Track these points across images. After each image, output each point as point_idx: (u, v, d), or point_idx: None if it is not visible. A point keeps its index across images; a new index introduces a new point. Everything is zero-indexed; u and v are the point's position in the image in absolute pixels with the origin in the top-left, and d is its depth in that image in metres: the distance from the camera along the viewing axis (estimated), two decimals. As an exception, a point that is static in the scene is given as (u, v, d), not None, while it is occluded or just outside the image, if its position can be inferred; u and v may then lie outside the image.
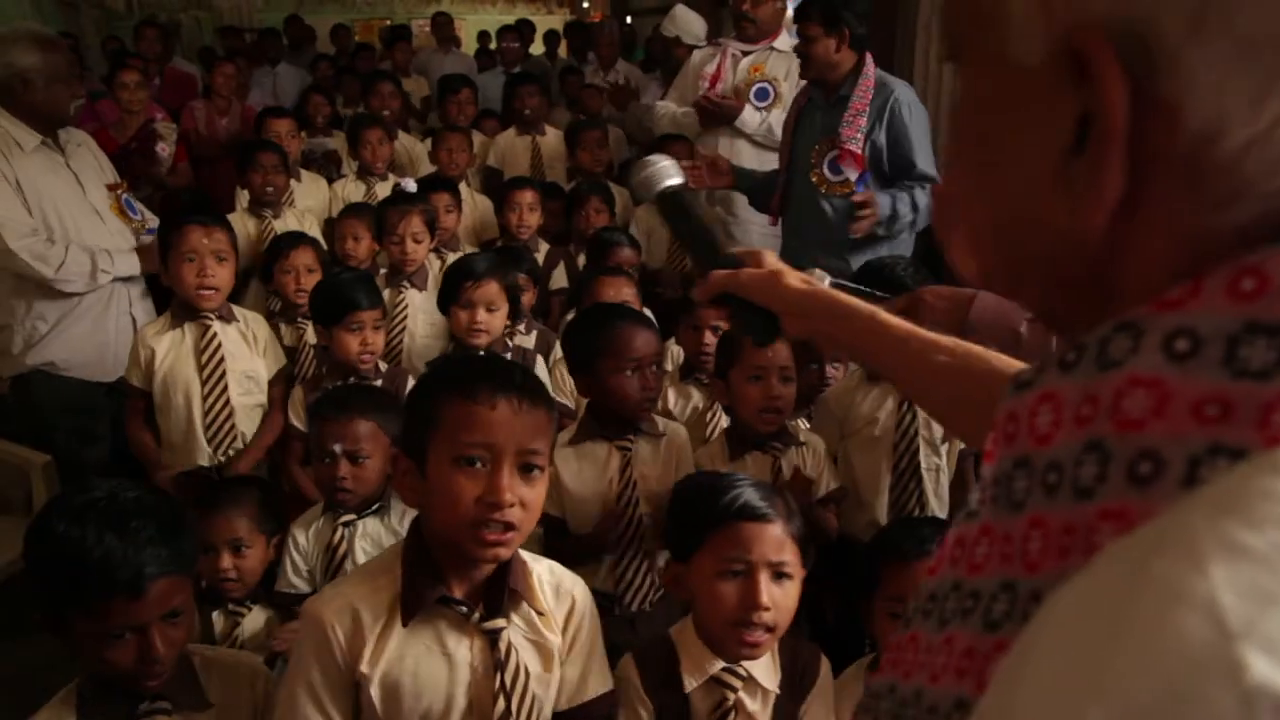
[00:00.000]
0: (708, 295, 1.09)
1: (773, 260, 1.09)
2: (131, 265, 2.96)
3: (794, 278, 1.06)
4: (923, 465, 2.18)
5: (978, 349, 0.98)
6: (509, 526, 1.23)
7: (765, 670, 1.45)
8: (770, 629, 1.39)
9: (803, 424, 2.37)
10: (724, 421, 2.48)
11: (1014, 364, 0.95)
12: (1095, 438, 0.39)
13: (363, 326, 2.47)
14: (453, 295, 2.56)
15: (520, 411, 1.24)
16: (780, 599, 1.40)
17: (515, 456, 1.24)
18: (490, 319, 2.54)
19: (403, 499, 1.81)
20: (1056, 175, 0.42)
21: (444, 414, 1.24)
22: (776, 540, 1.42)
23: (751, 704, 1.43)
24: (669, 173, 1.14)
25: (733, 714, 1.43)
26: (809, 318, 1.04)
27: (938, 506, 2.19)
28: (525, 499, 1.25)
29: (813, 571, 2.13)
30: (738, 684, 1.43)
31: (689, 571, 1.45)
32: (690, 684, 1.42)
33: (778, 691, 1.45)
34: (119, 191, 3.12)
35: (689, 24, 4.98)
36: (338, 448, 1.92)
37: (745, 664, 1.44)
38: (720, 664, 1.43)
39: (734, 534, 1.41)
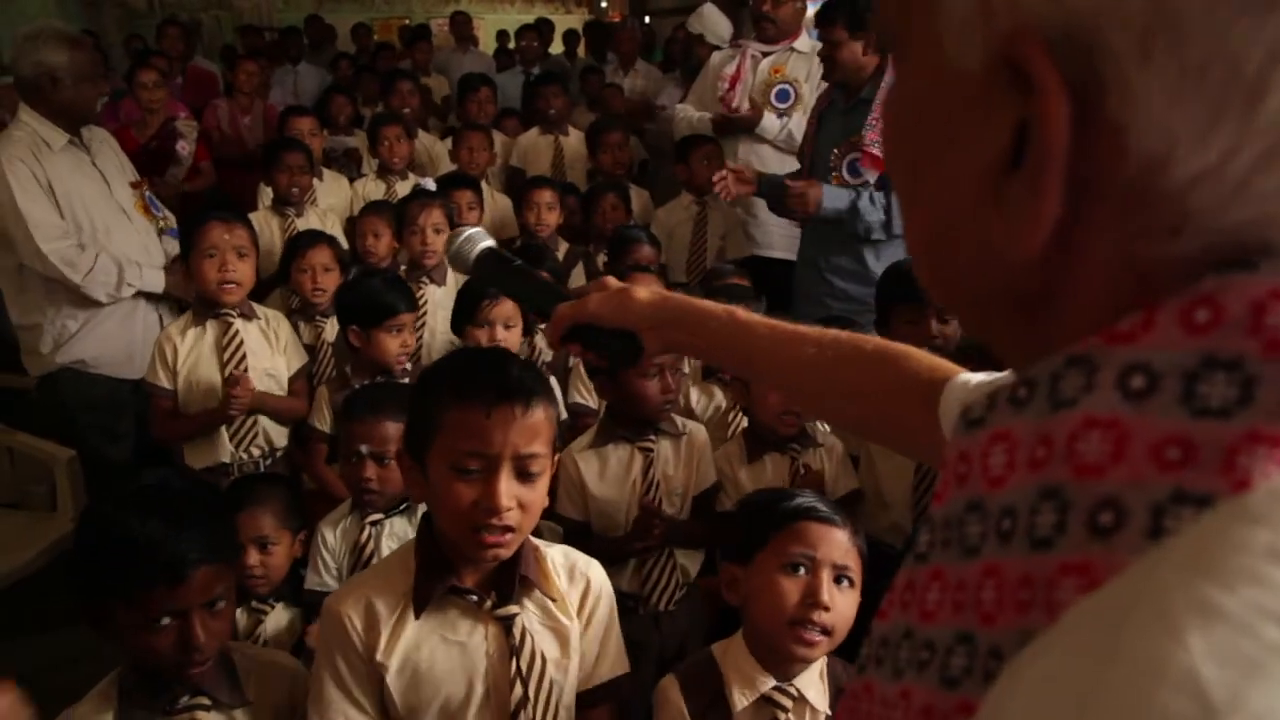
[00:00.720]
0: (559, 332, 1.06)
1: (614, 282, 1.06)
2: (157, 281, 2.98)
3: (643, 292, 1.03)
4: (947, 467, 2.17)
5: (845, 335, 0.96)
6: (508, 529, 1.24)
7: (816, 690, 1.42)
8: (828, 633, 1.37)
9: (823, 424, 2.36)
10: (746, 421, 2.48)
11: (883, 342, 0.94)
12: (1052, 484, 0.37)
13: (403, 328, 2.50)
14: (469, 316, 2.55)
15: (516, 417, 1.23)
16: (840, 603, 1.38)
17: (513, 461, 1.24)
18: (507, 336, 2.53)
19: (411, 497, 1.81)
20: (990, 190, 0.39)
21: (441, 420, 1.25)
22: (842, 544, 1.41)
23: None
24: (480, 238, 1.16)
25: None
26: (666, 329, 1.01)
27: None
28: (524, 500, 1.25)
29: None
30: (788, 703, 1.39)
31: (749, 572, 1.44)
32: (741, 702, 1.38)
33: (828, 713, 1.42)
34: (142, 189, 3.14)
35: (715, 24, 4.95)
36: (364, 449, 1.93)
37: (796, 683, 1.41)
38: (771, 682, 1.40)
39: (800, 531, 1.41)
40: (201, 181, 4.67)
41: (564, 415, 2.57)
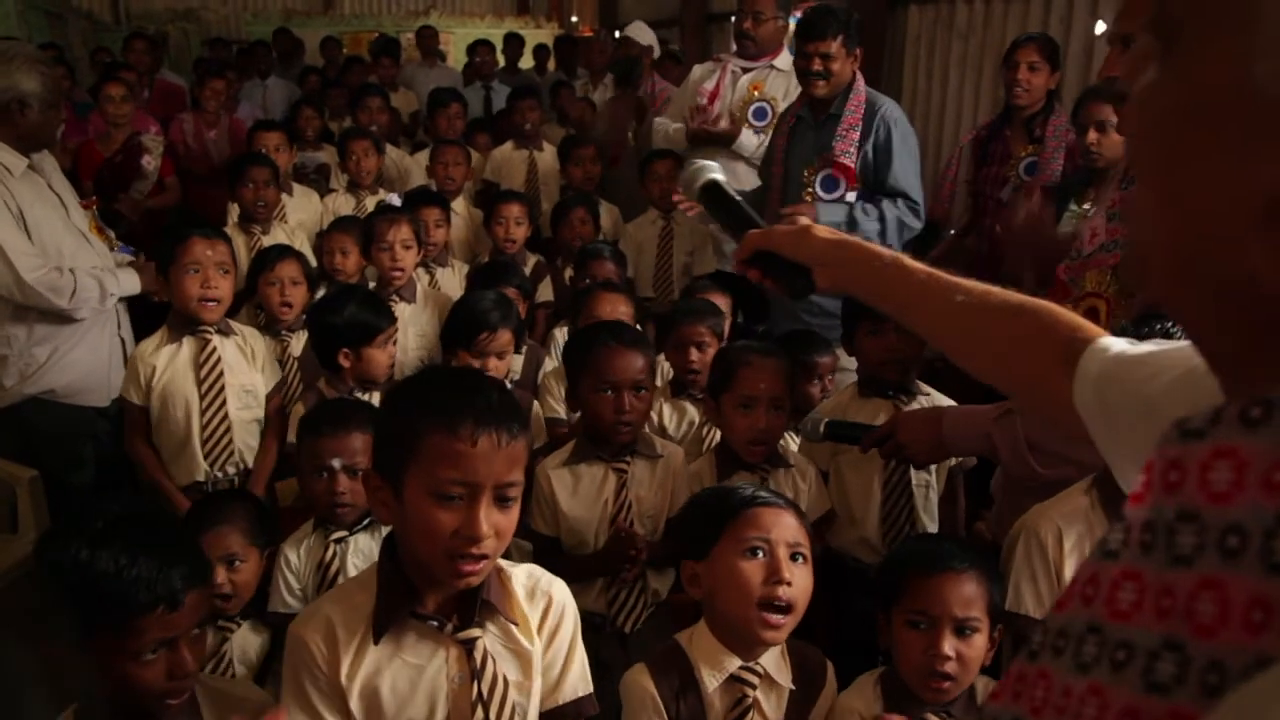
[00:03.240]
0: (744, 255, 1.19)
1: (805, 220, 1.16)
2: (132, 283, 2.92)
3: (823, 231, 1.11)
4: (913, 482, 2.18)
5: (995, 288, 1.01)
6: (483, 556, 1.24)
7: (778, 668, 1.50)
8: (790, 609, 1.44)
9: (793, 438, 2.36)
10: (719, 437, 2.48)
11: (1028, 297, 0.98)
12: None
13: (390, 340, 2.53)
14: (466, 342, 2.52)
15: (501, 447, 1.23)
16: (799, 578, 1.46)
17: (493, 490, 1.23)
18: (499, 366, 2.53)
19: (377, 517, 1.80)
20: (1269, 217, 0.38)
21: (423, 445, 1.22)
22: (792, 525, 1.50)
23: (766, 702, 1.48)
24: (711, 169, 1.40)
25: (751, 712, 1.46)
26: (838, 268, 1.09)
27: (928, 522, 2.20)
28: (500, 527, 1.25)
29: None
30: (755, 680, 1.47)
31: (709, 566, 1.50)
32: (712, 683, 1.46)
33: (792, 687, 1.50)
34: (92, 209, 3.09)
35: (650, 36, 5.08)
36: (336, 462, 1.92)
37: (761, 662, 1.48)
38: (738, 662, 1.47)
39: (752, 517, 1.48)
40: (168, 197, 4.63)
41: (544, 437, 2.57)
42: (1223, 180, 0.41)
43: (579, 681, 1.40)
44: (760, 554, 1.46)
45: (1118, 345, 0.84)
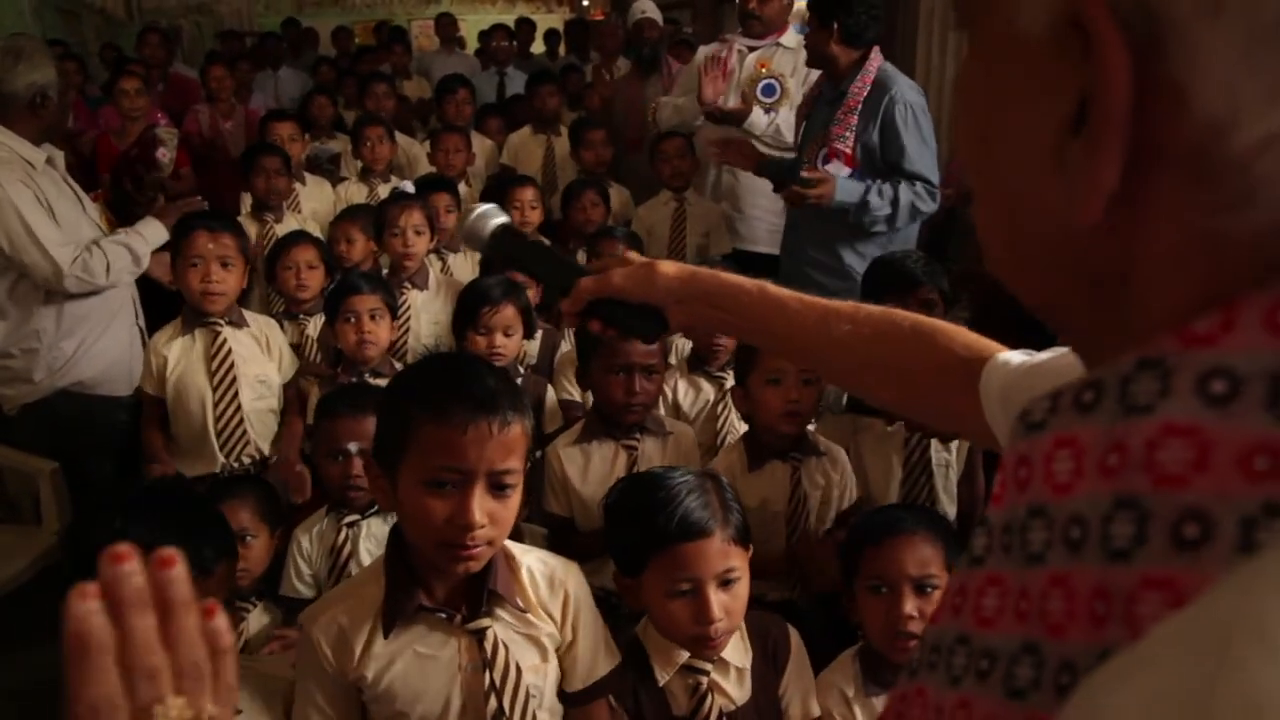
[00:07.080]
0: (578, 305, 1.04)
1: (638, 256, 1.06)
2: (157, 233, 2.88)
3: (669, 266, 1.02)
4: (933, 461, 2.16)
5: (879, 311, 0.95)
6: (479, 544, 1.23)
7: (735, 650, 1.48)
8: (727, 630, 1.43)
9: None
10: (734, 416, 2.46)
11: (918, 318, 0.93)
12: (1128, 494, 0.35)
13: (359, 316, 2.49)
14: (470, 321, 2.51)
15: (492, 434, 1.21)
16: (731, 603, 1.42)
17: (486, 478, 1.22)
18: (508, 343, 2.50)
19: (379, 504, 1.80)
20: (1054, 155, 0.38)
21: (414, 434, 1.21)
22: (719, 551, 1.42)
23: (726, 682, 1.47)
24: (494, 214, 1.14)
25: (710, 695, 1.45)
26: (693, 303, 1.00)
27: (947, 502, 2.18)
28: (496, 516, 1.23)
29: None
30: (709, 667, 1.46)
31: (640, 585, 1.46)
32: (663, 678, 1.45)
33: (746, 667, 1.49)
34: (100, 202, 3.10)
35: (656, 11, 5.05)
36: (353, 446, 1.92)
37: None
38: (686, 654, 1.46)
39: (677, 556, 1.41)
40: (182, 186, 4.64)
41: (560, 420, 2.56)
42: (1017, 134, 0.41)
43: (610, 654, 1.43)
44: (687, 593, 1.41)
45: (1016, 358, 0.81)
